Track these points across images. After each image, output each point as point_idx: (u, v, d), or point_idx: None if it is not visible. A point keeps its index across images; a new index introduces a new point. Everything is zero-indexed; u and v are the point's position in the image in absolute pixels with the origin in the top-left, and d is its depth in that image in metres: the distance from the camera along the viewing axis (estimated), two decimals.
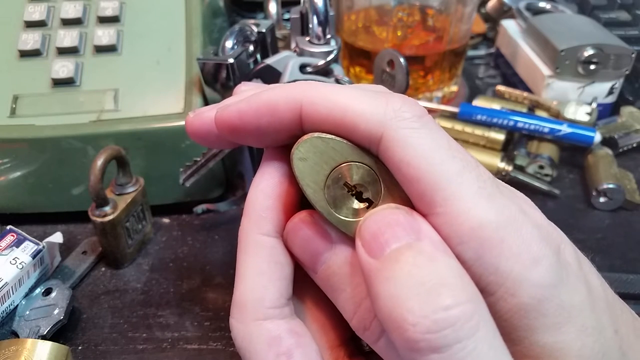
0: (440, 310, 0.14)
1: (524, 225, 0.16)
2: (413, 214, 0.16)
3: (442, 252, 0.15)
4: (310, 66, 0.37)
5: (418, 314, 0.14)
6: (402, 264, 0.15)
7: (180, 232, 0.40)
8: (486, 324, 0.14)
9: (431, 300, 0.14)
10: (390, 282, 0.15)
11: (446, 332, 0.14)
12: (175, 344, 0.32)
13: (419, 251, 0.15)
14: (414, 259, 0.15)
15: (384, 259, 0.15)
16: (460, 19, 0.49)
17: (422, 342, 0.14)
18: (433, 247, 0.15)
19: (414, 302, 0.14)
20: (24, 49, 0.40)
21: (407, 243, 0.15)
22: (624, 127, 0.48)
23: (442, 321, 0.14)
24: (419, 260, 0.15)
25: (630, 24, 0.55)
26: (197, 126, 0.20)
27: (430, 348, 0.14)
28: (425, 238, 0.16)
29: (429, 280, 0.14)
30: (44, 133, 0.37)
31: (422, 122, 0.17)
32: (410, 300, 0.14)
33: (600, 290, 0.18)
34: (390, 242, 0.16)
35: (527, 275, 0.16)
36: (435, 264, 0.15)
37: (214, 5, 0.48)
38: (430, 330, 0.14)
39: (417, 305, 0.14)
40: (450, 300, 0.14)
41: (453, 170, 0.16)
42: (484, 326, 0.14)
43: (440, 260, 0.15)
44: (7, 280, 0.32)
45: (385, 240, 0.16)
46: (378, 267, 0.15)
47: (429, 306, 0.14)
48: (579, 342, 0.16)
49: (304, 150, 0.18)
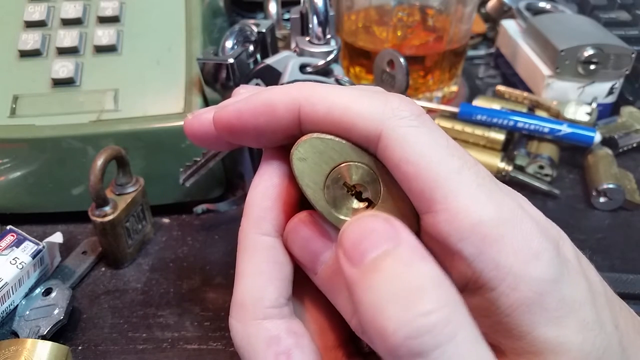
0: (417, 316, 0.14)
1: (524, 220, 0.16)
2: (391, 220, 0.16)
3: (419, 257, 0.15)
4: (310, 66, 0.37)
5: (396, 322, 0.14)
6: (380, 272, 0.15)
7: (180, 232, 0.40)
8: (465, 327, 0.14)
9: (409, 307, 0.14)
10: (370, 291, 0.15)
11: (425, 338, 0.14)
12: (175, 344, 0.32)
13: (396, 258, 0.15)
14: (392, 266, 0.15)
15: (364, 268, 0.15)
16: (460, 19, 0.49)
17: (403, 349, 0.14)
18: (411, 252, 0.15)
19: (392, 310, 0.14)
20: (24, 49, 0.40)
21: (385, 250, 0.15)
22: (624, 127, 0.48)
23: (421, 327, 0.14)
24: (397, 267, 0.15)
25: (630, 24, 0.55)
26: (195, 127, 0.20)
27: (410, 354, 0.14)
28: (403, 244, 0.15)
29: (406, 287, 0.14)
30: (44, 133, 0.37)
31: (420, 121, 0.17)
32: (389, 309, 0.14)
33: (599, 286, 0.18)
34: (368, 251, 0.15)
35: (528, 269, 0.16)
36: (413, 270, 0.15)
37: (214, 5, 0.48)
38: (409, 337, 0.14)
39: (395, 313, 0.14)
40: (427, 305, 0.14)
41: (452, 168, 0.16)
42: (462, 329, 0.14)
43: (417, 265, 0.15)
44: (7, 280, 0.32)
45: (364, 248, 0.16)
46: (359, 276, 0.15)
47: (407, 313, 0.14)
48: (580, 337, 0.16)
49: (303, 150, 0.18)
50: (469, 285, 0.17)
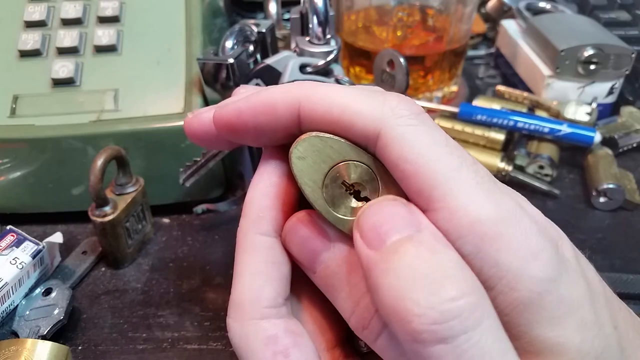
0: (446, 301, 0.14)
1: (523, 219, 0.16)
2: (411, 205, 0.16)
3: (443, 245, 0.15)
4: (310, 66, 0.37)
5: (424, 305, 0.14)
6: (403, 255, 0.15)
7: (180, 232, 0.40)
8: (490, 316, 0.14)
9: (436, 292, 0.14)
10: (392, 274, 0.15)
11: (453, 322, 0.14)
12: (175, 344, 0.32)
13: (420, 243, 0.15)
14: (416, 250, 0.15)
15: (384, 251, 0.15)
16: (460, 19, 0.49)
17: (428, 333, 0.14)
18: (434, 239, 0.15)
19: (418, 293, 0.14)
20: (24, 49, 0.40)
21: (408, 235, 0.15)
22: (624, 127, 0.48)
23: (449, 312, 0.14)
24: (421, 251, 0.15)
25: (630, 24, 0.55)
26: (195, 127, 0.20)
27: (436, 339, 0.14)
28: (426, 230, 0.16)
29: (432, 271, 0.14)
30: (44, 133, 0.37)
31: (419, 120, 0.17)
32: (414, 292, 0.14)
33: (599, 286, 0.18)
34: (390, 234, 0.15)
35: (527, 268, 0.16)
36: (437, 255, 0.15)
37: (214, 5, 0.48)
38: (436, 321, 0.14)
39: (422, 296, 0.14)
40: (455, 291, 0.14)
41: (451, 167, 0.16)
42: (488, 318, 0.14)
43: (442, 252, 0.15)
44: (7, 280, 0.32)
45: (385, 232, 0.16)
46: (378, 260, 0.15)
47: (435, 297, 0.14)
48: (578, 337, 0.16)
49: (302, 149, 0.18)
50: None
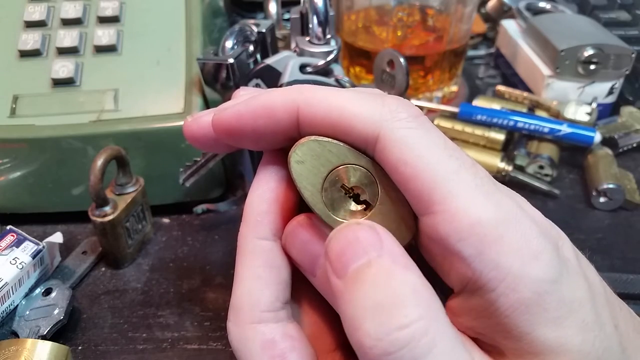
0: (393, 330, 0.14)
1: (523, 220, 0.16)
2: (375, 227, 0.16)
3: (401, 267, 0.15)
4: (310, 66, 0.37)
5: (374, 337, 0.14)
6: (361, 284, 0.15)
7: (180, 232, 0.40)
8: (444, 338, 0.14)
9: (385, 321, 0.14)
10: (351, 304, 0.15)
11: (402, 352, 0.14)
12: (175, 344, 0.32)
13: (377, 268, 0.15)
14: (372, 277, 0.15)
15: (347, 280, 0.15)
16: (460, 19, 0.49)
17: None
18: (391, 262, 0.15)
19: (369, 324, 0.14)
20: (24, 49, 0.40)
21: (367, 261, 0.15)
22: (624, 127, 0.48)
23: (397, 342, 0.14)
24: (377, 278, 0.15)
25: (630, 24, 0.55)
26: (194, 130, 0.20)
27: None
28: (385, 254, 0.15)
29: (385, 298, 0.14)
30: (44, 133, 0.37)
31: (418, 122, 0.17)
32: (366, 323, 0.14)
33: (599, 286, 0.18)
34: (351, 261, 0.15)
35: (528, 270, 0.16)
36: (392, 281, 0.15)
37: (214, 5, 0.48)
38: (387, 352, 0.14)
39: (372, 327, 0.14)
40: (404, 319, 0.14)
41: (450, 169, 0.16)
42: (441, 340, 0.14)
43: (398, 276, 0.15)
44: (7, 280, 0.32)
45: (347, 259, 0.16)
46: (342, 289, 0.15)
47: (383, 328, 0.14)
48: (579, 337, 0.16)
49: (301, 153, 0.18)
50: (469, 285, 0.16)
